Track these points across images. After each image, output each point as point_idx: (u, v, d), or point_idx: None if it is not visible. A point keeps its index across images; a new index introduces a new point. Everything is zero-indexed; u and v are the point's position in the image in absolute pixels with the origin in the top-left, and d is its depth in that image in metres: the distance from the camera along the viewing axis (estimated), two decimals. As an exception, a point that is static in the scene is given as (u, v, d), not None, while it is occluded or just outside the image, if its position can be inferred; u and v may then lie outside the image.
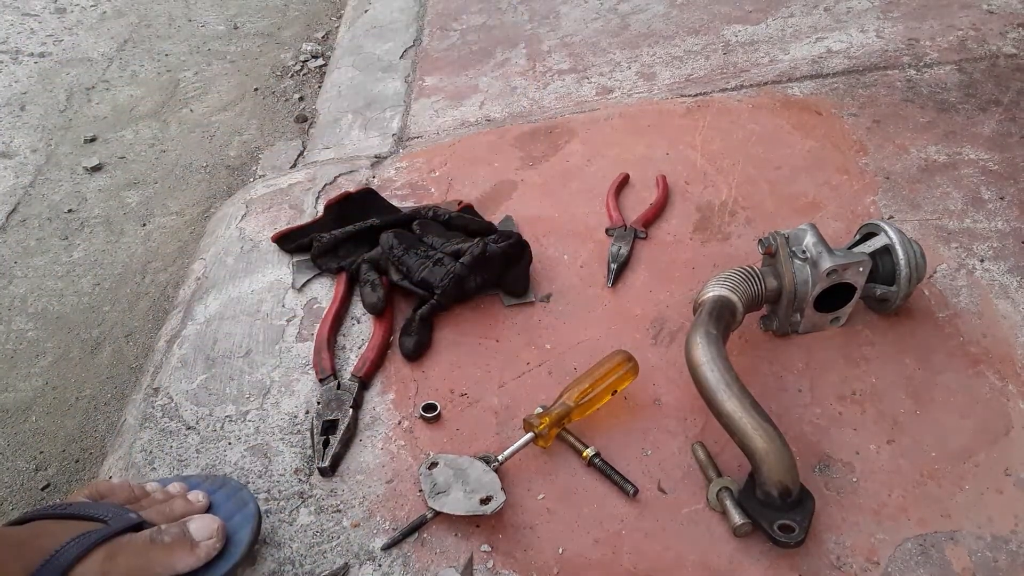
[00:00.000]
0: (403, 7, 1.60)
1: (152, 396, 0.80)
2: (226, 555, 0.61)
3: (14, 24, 1.88)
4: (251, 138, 1.48)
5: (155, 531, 0.59)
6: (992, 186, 0.94)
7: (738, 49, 1.27)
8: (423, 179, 1.07)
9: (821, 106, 1.10)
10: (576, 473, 0.69)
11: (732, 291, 0.72)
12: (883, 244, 0.75)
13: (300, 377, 0.80)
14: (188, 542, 0.59)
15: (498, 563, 0.63)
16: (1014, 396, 0.72)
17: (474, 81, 1.31)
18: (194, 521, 0.61)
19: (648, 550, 0.63)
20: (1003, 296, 0.81)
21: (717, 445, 0.70)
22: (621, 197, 1.00)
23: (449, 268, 0.82)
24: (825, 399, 0.73)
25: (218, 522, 0.61)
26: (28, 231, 1.30)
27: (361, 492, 0.69)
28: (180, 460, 0.73)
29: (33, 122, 1.56)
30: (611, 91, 1.23)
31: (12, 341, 1.11)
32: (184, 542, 0.58)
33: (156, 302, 1.15)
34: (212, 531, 0.60)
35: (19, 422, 1.00)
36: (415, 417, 0.75)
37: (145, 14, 1.93)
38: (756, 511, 0.62)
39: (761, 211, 0.95)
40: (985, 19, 1.26)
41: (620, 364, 0.72)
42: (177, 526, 0.59)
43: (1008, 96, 1.09)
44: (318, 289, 0.91)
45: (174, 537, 0.58)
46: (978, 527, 0.63)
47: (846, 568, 0.61)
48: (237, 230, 1.02)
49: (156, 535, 0.58)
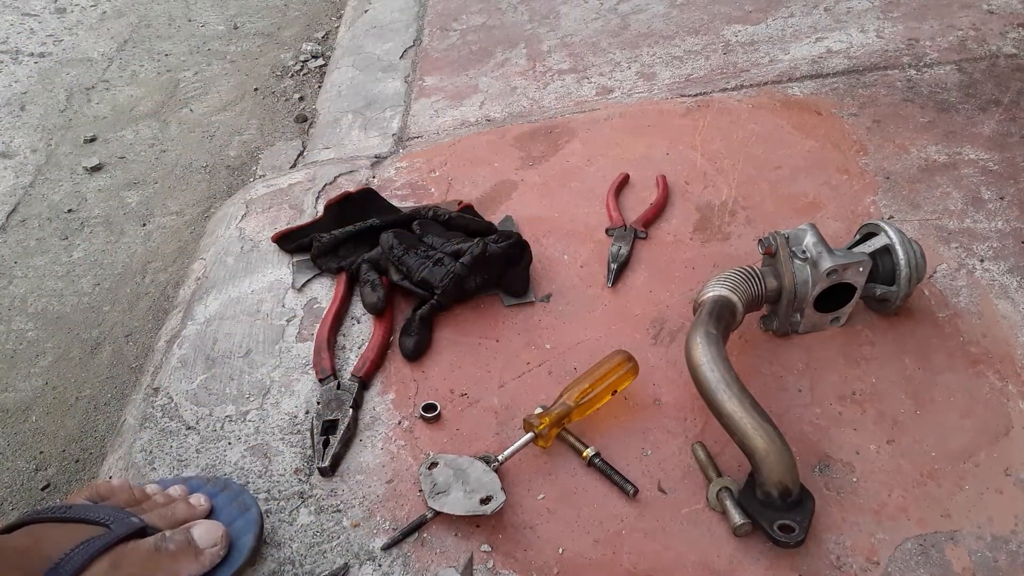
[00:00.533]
0: (403, 7, 1.60)
1: (152, 396, 0.80)
2: (228, 561, 0.61)
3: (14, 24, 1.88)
4: (251, 138, 1.49)
5: (159, 538, 0.58)
6: (992, 186, 0.94)
7: (738, 49, 1.27)
8: (423, 179, 1.07)
9: (821, 106, 1.10)
10: (576, 473, 0.69)
11: (732, 291, 0.72)
12: (883, 244, 0.75)
13: (300, 377, 0.80)
14: (193, 550, 0.58)
15: (498, 563, 0.63)
16: (1014, 396, 0.72)
17: (474, 81, 1.31)
18: (198, 527, 0.60)
19: (648, 550, 0.63)
20: (1003, 296, 0.81)
21: (717, 445, 0.70)
22: (621, 197, 1.00)
23: (449, 268, 0.82)
24: (825, 399, 0.73)
25: (222, 529, 0.61)
26: (28, 231, 1.30)
27: (361, 492, 0.69)
28: (180, 460, 0.73)
29: (33, 122, 1.56)
30: (611, 91, 1.23)
31: (12, 341, 1.11)
32: (189, 550, 0.58)
33: (156, 302, 1.15)
34: (216, 538, 0.60)
35: (19, 422, 1.00)
36: (415, 417, 0.75)
37: (145, 14, 1.93)
38: (756, 511, 0.62)
39: (761, 211, 0.95)
40: (985, 19, 1.26)
41: (620, 364, 0.72)
42: (181, 533, 0.59)
43: (1008, 96, 1.09)
44: (318, 289, 0.91)
45: (178, 545, 0.58)
46: (978, 527, 0.63)
47: (846, 568, 0.61)
48: (237, 230, 1.02)
49: (161, 543, 0.58)
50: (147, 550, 0.57)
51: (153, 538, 0.58)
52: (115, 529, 0.57)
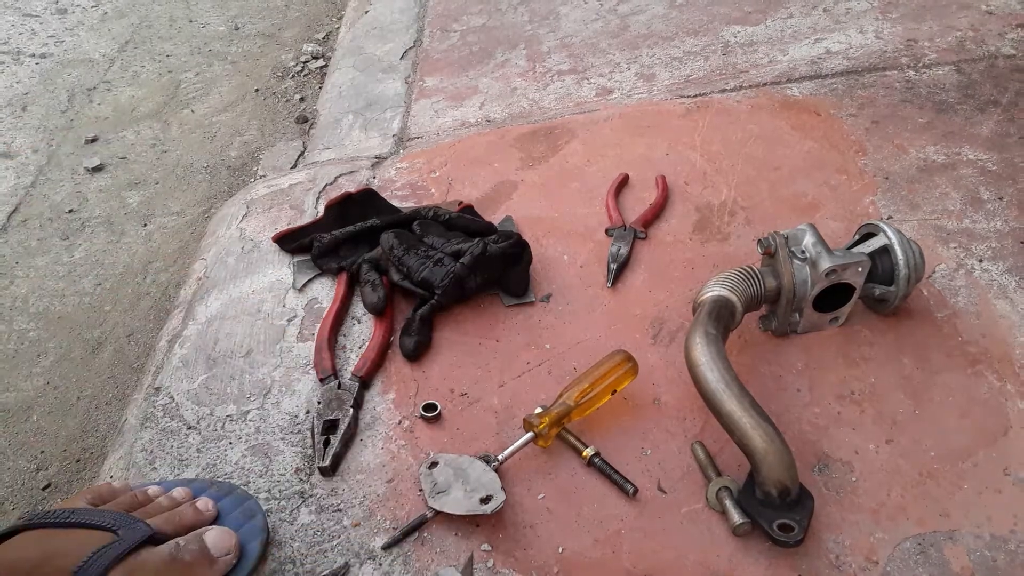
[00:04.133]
0: (403, 8, 1.61)
1: (153, 396, 0.81)
2: (236, 568, 0.60)
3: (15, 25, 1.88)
4: (252, 139, 1.49)
5: (174, 547, 0.57)
6: (991, 186, 0.95)
7: (737, 50, 1.27)
8: (423, 179, 1.07)
9: (820, 107, 1.11)
10: (576, 473, 0.69)
11: (731, 291, 0.73)
12: (882, 244, 0.76)
13: (301, 377, 0.80)
14: (207, 559, 0.58)
15: (498, 562, 0.63)
16: (1012, 396, 0.72)
17: (474, 82, 1.31)
18: (210, 534, 0.60)
19: (648, 549, 0.64)
20: (1002, 296, 0.81)
21: (716, 445, 0.70)
22: (621, 197, 1.00)
23: (449, 268, 0.82)
24: (824, 399, 0.74)
25: (235, 537, 0.60)
26: (29, 231, 1.30)
27: (361, 491, 0.69)
28: (181, 460, 0.74)
29: (34, 123, 1.56)
30: (611, 92, 1.23)
31: (14, 341, 1.11)
32: (203, 560, 0.57)
33: (157, 302, 1.16)
34: (229, 546, 0.60)
35: (20, 422, 1.00)
36: (415, 417, 0.75)
37: (146, 15, 1.93)
38: (755, 511, 0.62)
39: (760, 211, 0.95)
40: (984, 20, 1.26)
41: (620, 364, 0.72)
42: (196, 542, 0.58)
43: (1007, 97, 1.09)
44: (319, 289, 0.91)
45: (194, 555, 0.57)
46: (977, 526, 0.63)
47: (845, 567, 0.61)
48: (238, 230, 1.03)
49: (176, 551, 0.57)
50: (162, 559, 0.56)
51: (167, 546, 0.57)
52: (124, 536, 0.56)
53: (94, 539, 0.55)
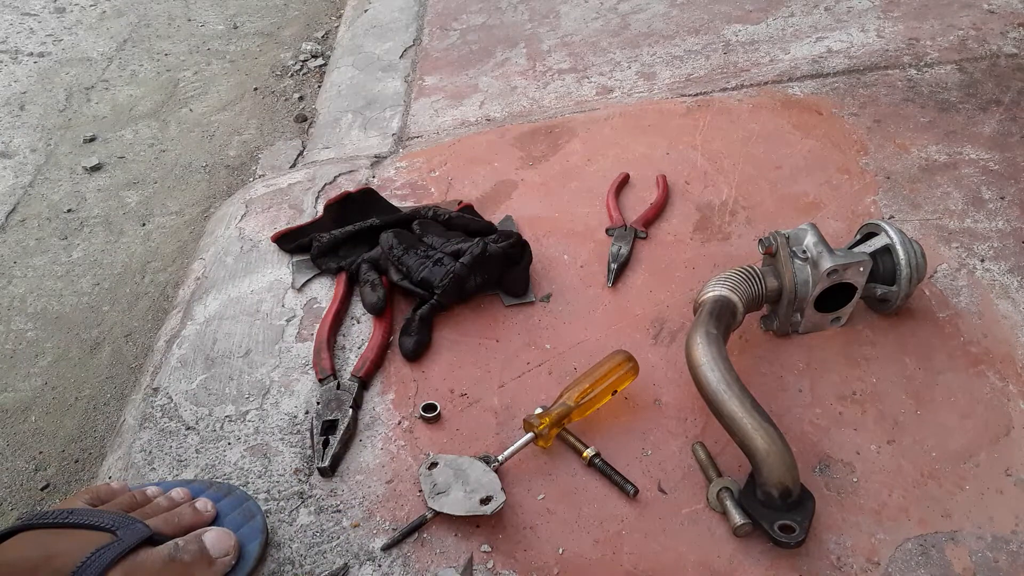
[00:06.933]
0: (403, 6, 1.60)
1: (152, 396, 0.80)
2: (235, 569, 0.60)
3: (13, 24, 1.88)
4: (251, 138, 1.48)
5: (173, 548, 0.57)
6: (993, 186, 0.94)
7: (738, 49, 1.27)
8: (423, 179, 1.07)
9: (821, 106, 1.10)
10: (576, 473, 0.69)
11: (732, 291, 0.72)
12: (884, 244, 0.75)
13: (300, 377, 0.80)
14: (206, 560, 0.58)
15: (498, 563, 0.63)
16: (1015, 396, 0.72)
17: (474, 81, 1.31)
18: (209, 535, 0.59)
19: (648, 550, 0.63)
20: (1004, 296, 0.81)
21: (717, 445, 0.70)
22: (621, 197, 0.99)
23: (449, 268, 0.82)
24: (825, 399, 0.73)
25: (234, 538, 0.60)
26: (27, 231, 1.30)
27: (361, 492, 0.69)
28: (180, 460, 0.73)
29: (32, 122, 1.56)
30: (611, 91, 1.22)
31: (11, 341, 1.11)
32: (202, 560, 0.57)
33: (155, 302, 1.15)
34: (228, 547, 0.59)
35: (18, 422, 1.00)
36: (415, 417, 0.75)
37: (144, 14, 1.93)
38: (756, 511, 0.61)
39: (761, 211, 0.95)
40: (986, 19, 1.25)
41: (620, 364, 0.72)
42: (195, 543, 0.58)
43: (1009, 96, 1.09)
44: (318, 289, 0.91)
45: (193, 556, 0.57)
46: (979, 527, 0.63)
47: (846, 568, 0.61)
48: (237, 230, 1.02)
49: (175, 552, 0.57)
50: (161, 560, 0.56)
51: (166, 547, 0.57)
52: (123, 536, 0.56)
53: (93, 540, 0.55)
